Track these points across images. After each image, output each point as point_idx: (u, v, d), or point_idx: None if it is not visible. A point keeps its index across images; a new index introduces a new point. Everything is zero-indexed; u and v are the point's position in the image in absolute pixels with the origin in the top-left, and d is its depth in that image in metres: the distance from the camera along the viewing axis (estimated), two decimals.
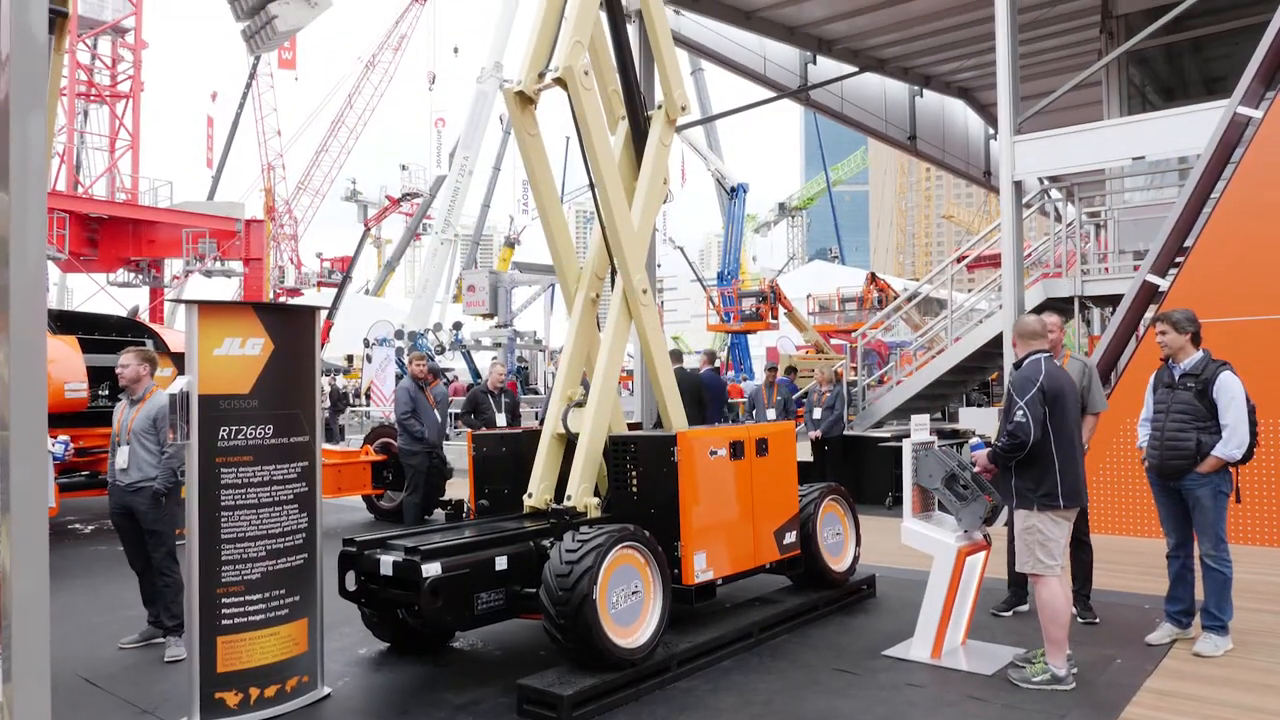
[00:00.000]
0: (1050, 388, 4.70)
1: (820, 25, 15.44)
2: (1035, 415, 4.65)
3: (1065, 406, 4.75)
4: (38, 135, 1.99)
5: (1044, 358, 4.85)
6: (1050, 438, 4.70)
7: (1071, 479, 4.72)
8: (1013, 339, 5.17)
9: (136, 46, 30.88)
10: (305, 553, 4.73)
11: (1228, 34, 12.99)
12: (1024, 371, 4.83)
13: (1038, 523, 4.75)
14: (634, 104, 6.23)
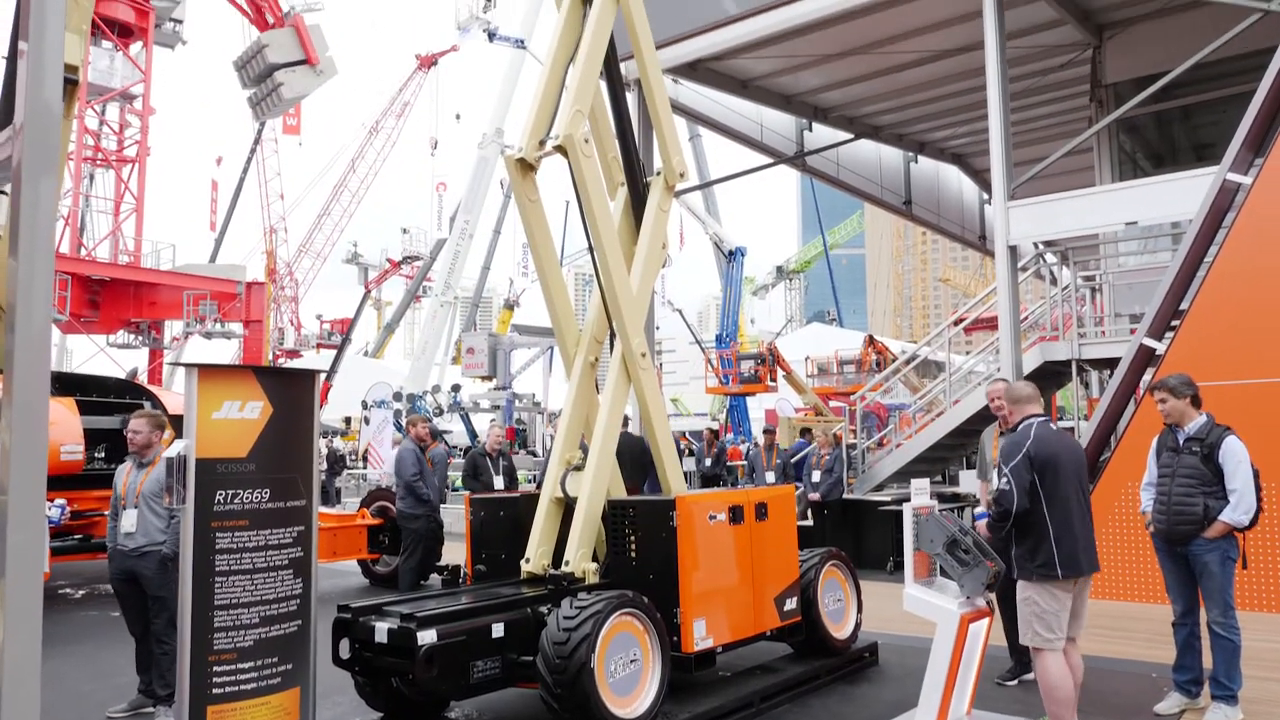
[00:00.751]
0: (1039, 453, 4.58)
1: (815, 94, 15.79)
2: (1020, 482, 4.54)
3: (1059, 472, 4.60)
4: (48, 203, 2.02)
5: (1037, 423, 4.73)
6: (1042, 505, 4.58)
7: (1069, 547, 4.56)
8: (1008, 406, 5.14)
9: (144, 113, 31.45)
10: (299, 619, 4.66)
11: (1215, 102, 13.27)
12: (1014, 437, 4.75)
13: (1035, 594, 4.63)
14: (633, 171, 6.34)
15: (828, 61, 14.08)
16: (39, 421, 1.90)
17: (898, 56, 13.81)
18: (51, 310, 2.15)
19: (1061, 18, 12.45)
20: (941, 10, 12.08)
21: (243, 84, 34.11)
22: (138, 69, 30.65)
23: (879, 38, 13.21)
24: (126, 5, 29.66)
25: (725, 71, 14.44)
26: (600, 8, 5.94)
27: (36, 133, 2.02)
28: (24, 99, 2.10)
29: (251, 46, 32.63)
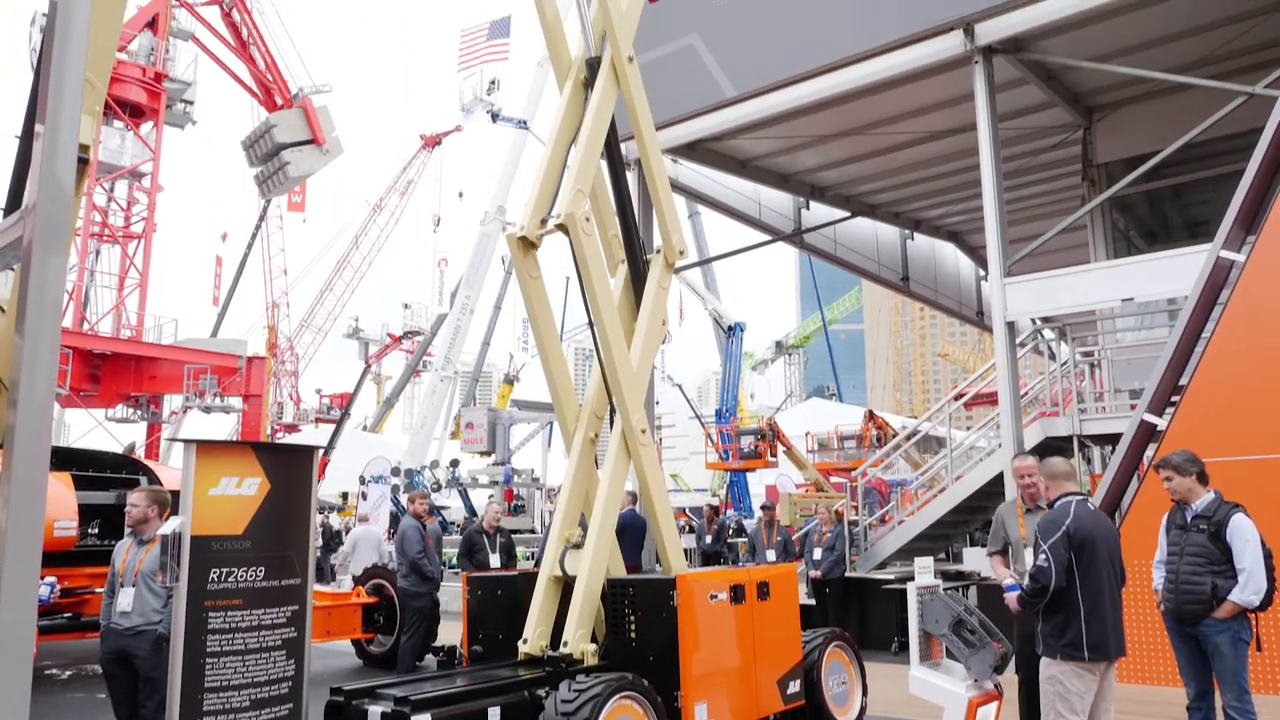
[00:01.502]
0: (1078, 532, 4.57)
1: (812, 173, 16.09)
2: (1059, 560, 4.53)
3: (1096, 553, 4.59)
4: (56, 281, 2.04)
5: (1076, 501, 4.73)
6: (1076, 584, 4.55)
7: (1098, 630, 4.51)
8: (1044, 482, 5.10)
9: (152, 190, 31.98)
10: (290, 702, 4.55)
11: (1205, 181, 13.52)
12: (1052, 514, 4.74)
13: (1059, 673, 4.56)
14: (633, 248, 6.42)
15: (824, 142, 14.39)
16: (37, 500, 1.88)
17: (892, 137, 14.12)
18: (55, 387, 2.15)
19: (1051, 100, 12.77)
20: (934, 93, 12.38)
21: (250, 162, 34.74)
22: (147, 148, 31.28)
23: (874, 119, 13.52)
24: (139, 86, 30.42)
25: (724, 151, 14.74)
26: (602, 91, 6.09)
27: (48, 212, 2.05)
28: (37, 179, 2.14)
29: (260, 127, 33.32)
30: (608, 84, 6.18)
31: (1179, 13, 10.63)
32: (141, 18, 30.53)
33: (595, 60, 6.25)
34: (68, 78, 2.23)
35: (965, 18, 10.60)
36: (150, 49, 30.86)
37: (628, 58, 6.33)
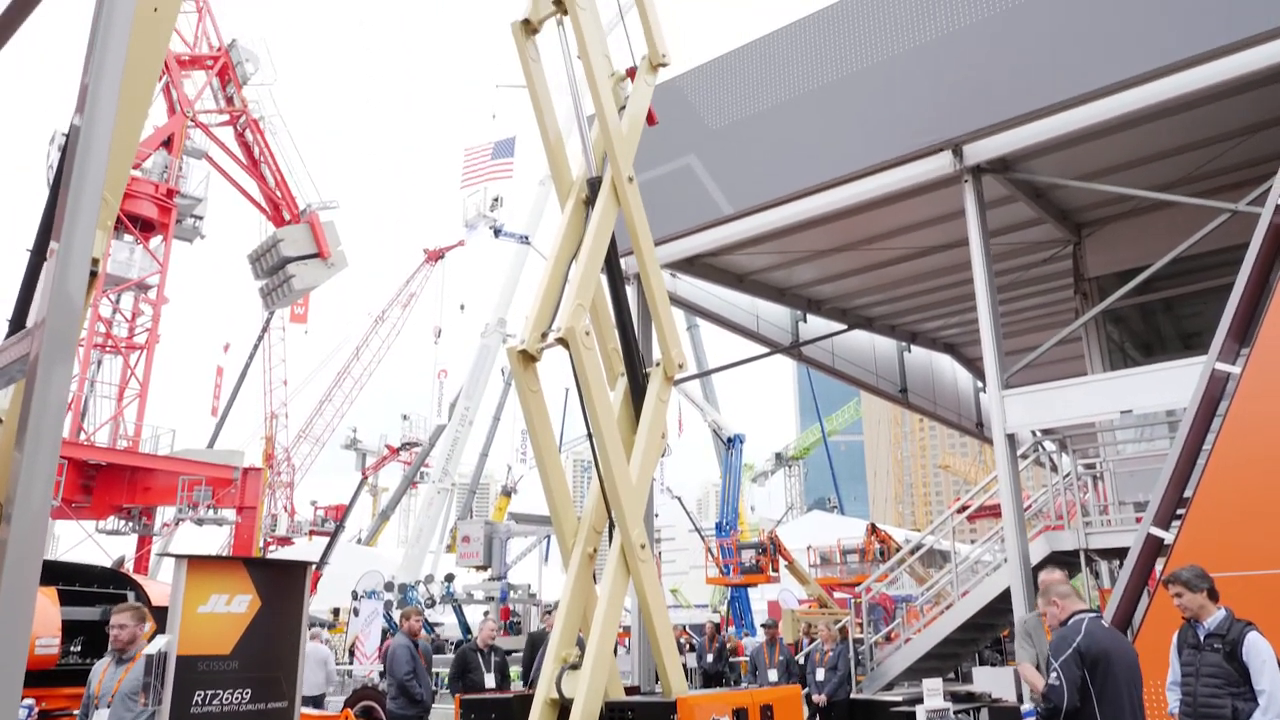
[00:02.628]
0: (1090, 649, 4.47)
1: (809, 287, 16.35)
2: (1070, 678, 4.41)
3: (1112, 670, 4.47)
4: (59, 396, 2.04)
5: (1089, 618, 4.65)
6: (1093, 703, 4.41)
7: None
8: (1053, 601, 5.00)
9: (158, 302, 32.41)
10: None
11: (1196, 294, 13.73)
12: (1064, 631, 4.65)
13: None
14: (633, 362, 6.46)
15: (820, 257, 14.68)
16: (23, 622, 1.83)
17: (887, 252, 14.42)
18: (50, 503, 2.12)
19: (1040, 217, 13.09)
20: (927, 210, 12.71)
21: (255, 275, 35.36)
22: (156, 261, 31.87)
23: (868, 235, 13.83)
24: (151, 202, 31.22)
25: (722, 266, 15.02)
26: (602, 210, 6.25)
27: (57, 327, 2.06)
28: (48, 295, 2.16)
29: (267, 241, 34.07)
30: (608, 203, 6.34)
31: (1160, 135, 11.02)
32: (157, 137, 31.60)
33: (596, 180, 6.43)
34: (85, 196, 2.28)
35: (953, 139, 10.97)
36: (164, 166, 31.82)
37: (628, 178, 6.51)
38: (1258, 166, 11.48)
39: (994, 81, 10.78)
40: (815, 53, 12.52)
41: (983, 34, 10.92)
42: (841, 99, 12.17)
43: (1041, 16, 10.51)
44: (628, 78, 7.10)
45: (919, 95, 11.38)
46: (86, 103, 2.37)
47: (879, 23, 11.91)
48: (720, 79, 13.57)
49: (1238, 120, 10.78)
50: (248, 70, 34.23)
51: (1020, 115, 10.50)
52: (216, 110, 33.97)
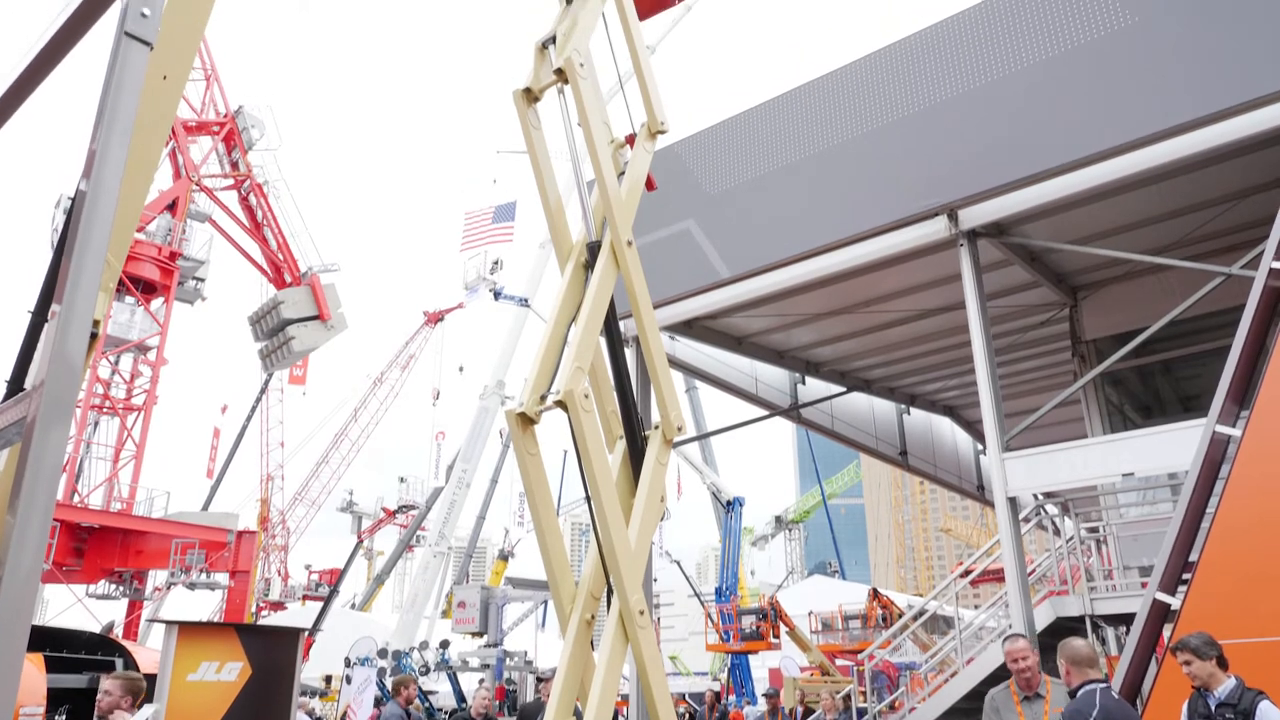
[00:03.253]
0: None
1: (807, 349, 16.40)
2: None
3: None
4: (55, 458, 2.02)
5: (1100, 689, 4.53)
6: None
7: None
8: (1065, 665, 4.90)
9: (157, 364, 32.43)
10: None
11: (1194, 356, 13.76)
12: (1077, 704, 4.54)
13: None
14: (631, 425, 6.43)
15: (818, 319, 14.75)
16: (8, 687, 1.79)
17: (885, 315, 14.50)
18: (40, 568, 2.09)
19: (1036, 280, 13.19)
20: (923, 273, 12.81)
21: (255, 337, 35.47)
22: (156, 323, 31.99)
23: (866, 298, 13.92)
24: (154, 264, 31.46)
25: (720, 329, 15.08)
26: (601, 274, 6.29)
27: (55, 389, 2.06)
28: (48, 358, 2.16)
29: (267, 303, 34.25)
30: (607, 266, 6.39)
31: (1152, 199, 11.17)
32: (162, 200, 31.98)
33: (595, 244, 6.49)
34: (88, 260, 2.30)
35: (948, 204, 11.11)
36: (168, 229, 32.14)
37: (627, 242, 6.57)
38: (1251, 230, 11.62)
39: (988, 147, 10.96)
40: (811, 120, 12.76)
41: (976, 101, 11.14)
42: (837, 164, 12.36)
43: (1033, 83, 10.73)
44: (627, 144, 7.22)
45: (914, 161, 11.56)
46: (93, 168, 2.40)
47: (874, 90, 12.16)
48: (718, 145, 13.80)
49: (1230, 185, 10.94)
50: (253, 136, 34.82)
51: (1014, 181, 10.65)
52: (221, 175, 34.46)
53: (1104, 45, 10.29)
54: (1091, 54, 10.36)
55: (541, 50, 6.96)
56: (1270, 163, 10.11)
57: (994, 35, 11.17)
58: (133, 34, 2.34)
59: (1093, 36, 10.39)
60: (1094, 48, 10.36)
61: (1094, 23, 10.42)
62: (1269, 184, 10.84)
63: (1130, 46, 10.11)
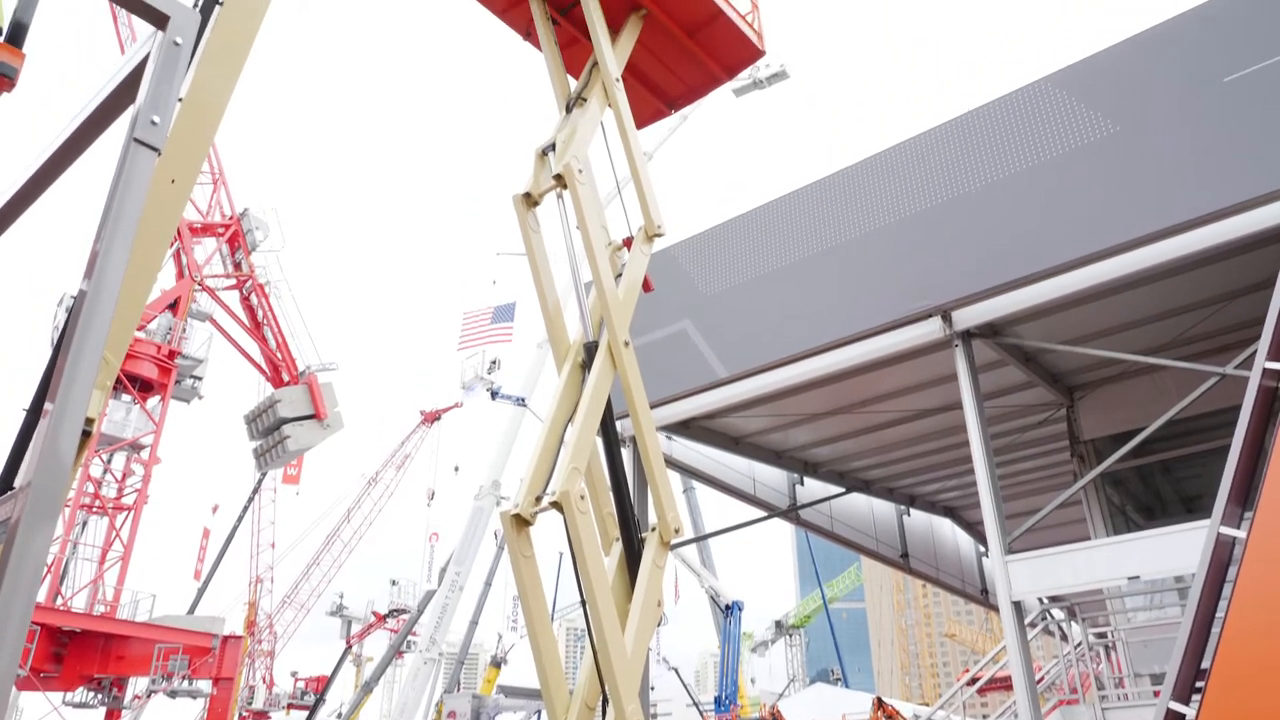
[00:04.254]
0: None
1: (805, 449, 16.32)
2: None
3: None
4: (35, 566, 1.97)
5: None
6: None
7: None
8: None
9: (149, 463, 32.13)
10: None
11: (1193, 456, 13.70)
12: None
13: None
14: (628, 527, 6.35)
15: (815, 419, 14.73)
16: None
17: (882, 415, 14.49)
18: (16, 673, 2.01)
19: (1032, 380, 13.24)
20: (919, 373, 12.86)
21: (250, 436, 35.30)
22: (151, 421, 31.87)
23: (862, 398, 13.94)
24: (152, 363, 31.54)
25: (717, 429, 15.04)
26: (599, 374, 6.31)
27: (43, 491, 2.02)
28: (38, 457, 2.13)
29: (264, 402, 34.21)
30: (605, 367, 6.42)
31: (1144, 300, 11.31)
32: (164, 300, 32.31)
33: (593, 345, 6.54)
34: (84, 358, 2.29)
35: (942, 305, 11.24)
36: (168, 328, 32.36)
37: (624, 342, 6.61)
38: (1243, 330, 11.73)
39: (980, 250, 11.15)
40: (806, 223, 13.03)
41: (968, 205, 11.39)
42: (832, 266, 12.56)
43: (1023, 188, 11.00)
44: (625, 247, 7.35)
45: (908, 263, 11.75)
46: (95, 269, 2.42)
47: (867, 194, 12.46)
48: (714, 248, 14.05)
49: (1220, 286, 11.10)
50: (257, 237, 35.44)
51: (1006, 283, 10.80)
52: (224, 275, 34.93)
53: (1089, 152, 10.60)
54: (1078, 159, 10.66)
55: (541, 156, 7.15)
56: (1258, 264, 10.28)
57: (984, 141, 11.52)
58: (142, 140, 2.40)
59: (1079, 143, 10.71)
60: (1080, 154, 10.66)
61: (1078, 131, 10.76)
62: (1258, 285, 11.00)
63: (1116, 153, 10.41)
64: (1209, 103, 10.02)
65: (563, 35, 9.05)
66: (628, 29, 8.78)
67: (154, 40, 2.59)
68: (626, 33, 8.73)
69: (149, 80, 2.51)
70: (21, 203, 3.29)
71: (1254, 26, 10.06)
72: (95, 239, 2.62)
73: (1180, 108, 10.25)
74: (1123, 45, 11.04)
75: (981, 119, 11.69)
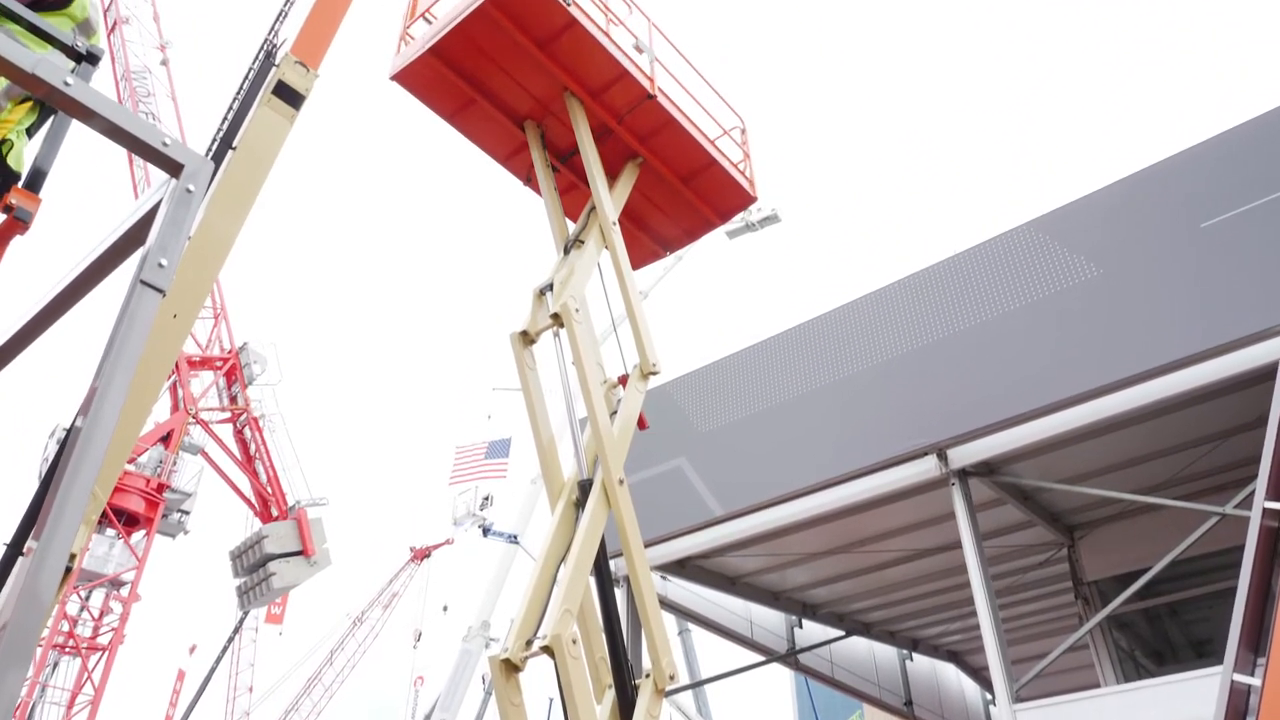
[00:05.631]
0: None
1: (803, 590, 15.95)
2: None
3: None
4: (4, 710, 1.88)
5: None
6: None
7: None
8: None
9: (129, 600, 31.22)
10: None
11: (1200, 598, 13.40)
12: None
13: None
14: (621, 672, 6.14)
15: (813, 559, 14.46)
16: None
17: (881, 555, 14.24)
18: None
19: (1031, 519, 13.09)
20: (918, 512, 12.73)
21: (235, 573, 34.47)
22: (134, 556, 31.18)
23: (860, 537, 13.74)
24: (140, 496, 31.13)
25: (713, 568, 14.75)
26: (593, 513, 6.24)
27: (19, 631, 1.96)
28: (15, 597, 2.07)
29: (251, 537, 33.58)
30: (599, 505, 6.35)
31: (1138, 438, 11.32)
32: (157, 433, 32.18)
33: (587, 482, 6.49)
34: (72, 498, 2.26)
35: (937, 443, 11.23)
36: (159, 461, 32.10)
37: (619, 480, 6.57)
38: (1240, 468, 11.69)
39: (975, 388, 11.25)
40: (800, 361, 13.19)
41: (960, 343, 11.57)
42: (826, 403, 12.62)
43: (1015, 327, 11.20)
44: (620, 384, 7.41)
45: (902, 401, 11.82)
46: (92, 406, 2.42)
47: (860, 332, 12.67)
48: (709, 385, 14.16)
49: (1213, 424, 11.14)
50: (254, 371, 35.65)
51: (999, 421, 10.83)
52: (219, 408, 34.94)
53: (1075, 293, 10.86)
54: (1064, 300, 10.91)
55: (539, 296, 7.31)
56: (1249, 403, 10.35)
57: (973, 282, 11.81)
58: (148, 282, 2.44)
59: (1064, 285, 10.98)
60: (1065, 295, 10.92)
61: (1062, 274, 11.06)
62: (1251, 424, 11.04)
63: (1101, 295, 10.67)
64: (1186, 248, 10.35)
65: (562, 181, 9.41)
66: (625, 175, 9.14)
67: (168, 187, 2.68)
68: (624, 179, 9.08)
69: (160, 224, 2.58)
70: (23, 340, 3.32)
71: (1223, 176, 10.51)
72: (95, 376, 2.63)
73: (1158, 252, 10.58)
74: (1098, 194, 11.50)
75: (970, 261, 12.03)
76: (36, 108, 4.03)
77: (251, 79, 5.51)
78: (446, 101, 9.35)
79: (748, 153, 10.74)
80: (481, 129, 9.64)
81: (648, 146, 9.55)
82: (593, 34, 8.64)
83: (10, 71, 2.60)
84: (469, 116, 9.49)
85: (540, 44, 8.77)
